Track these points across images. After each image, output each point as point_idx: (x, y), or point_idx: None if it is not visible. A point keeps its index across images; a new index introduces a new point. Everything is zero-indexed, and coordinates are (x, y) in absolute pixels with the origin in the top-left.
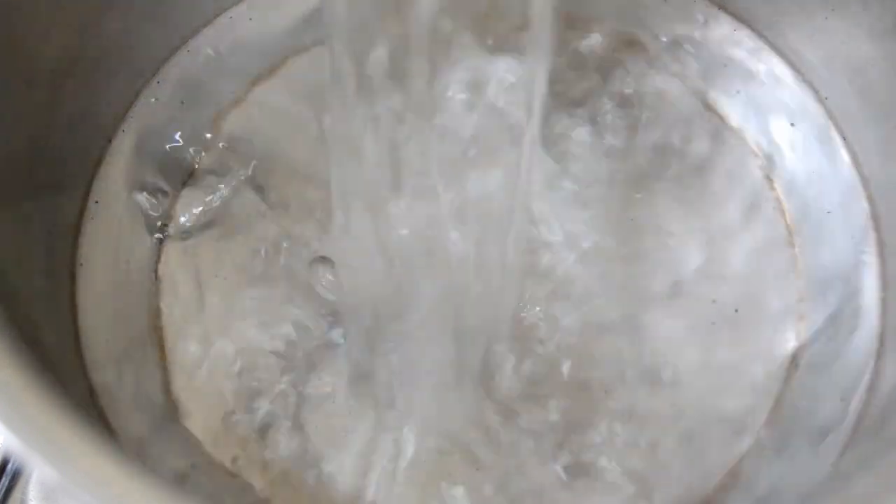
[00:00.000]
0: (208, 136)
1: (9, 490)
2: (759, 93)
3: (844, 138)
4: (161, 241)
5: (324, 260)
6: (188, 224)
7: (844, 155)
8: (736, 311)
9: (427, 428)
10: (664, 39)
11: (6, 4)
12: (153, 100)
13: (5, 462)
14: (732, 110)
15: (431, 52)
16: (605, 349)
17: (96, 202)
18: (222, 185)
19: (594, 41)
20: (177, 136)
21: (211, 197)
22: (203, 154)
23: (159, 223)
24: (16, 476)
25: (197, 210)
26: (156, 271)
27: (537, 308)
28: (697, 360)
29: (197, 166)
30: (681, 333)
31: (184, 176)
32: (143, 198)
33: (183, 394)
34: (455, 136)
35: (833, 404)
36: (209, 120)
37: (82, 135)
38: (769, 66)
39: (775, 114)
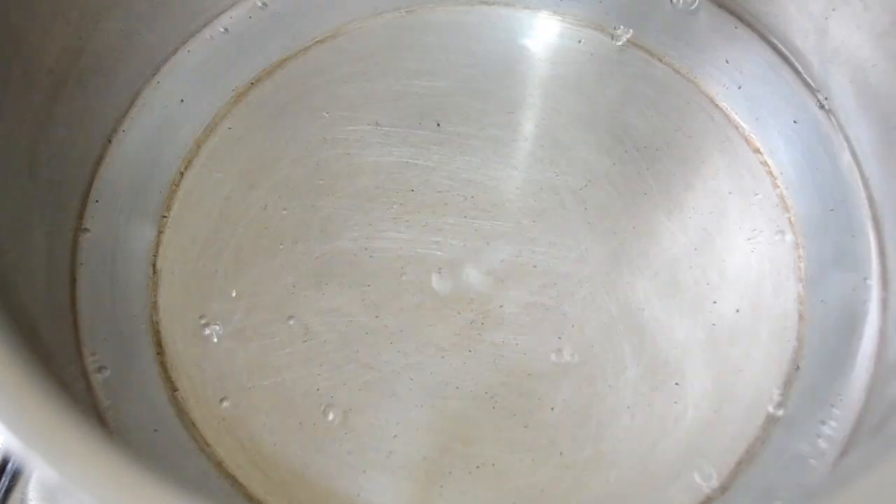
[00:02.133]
0: (208, 134)
1: (9, 490)
2: (760, 92)
3: (844, 138)
4: (160, 234)
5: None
6: (188, 218)
7: (844, 155)
8: (736, 311)
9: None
10: (665, 38)
11: (6, 4)
12: (153, 99)
13: (5, 462)
14: (733, 109)
15: None
16: (606, 349)
17: (96, 202)
18: (221, 181)
19: (594, 37)
20: (176, 135)
21: (210, 192)
22: (203, 151)
23: (159, 219)
24: (16, 476)
25: (196, 206)
26: (154, 265)
27: (540, 302)
28: (698, 360)
29: (196, 163)
30: (681, 334)
31: (182, 172)
32: (142, 195)
33: (183, 392)
34: None
35: (833, 404)
36: (209, 119)
37: (82, 135)
38: (769, 65)
39: (776, 113)
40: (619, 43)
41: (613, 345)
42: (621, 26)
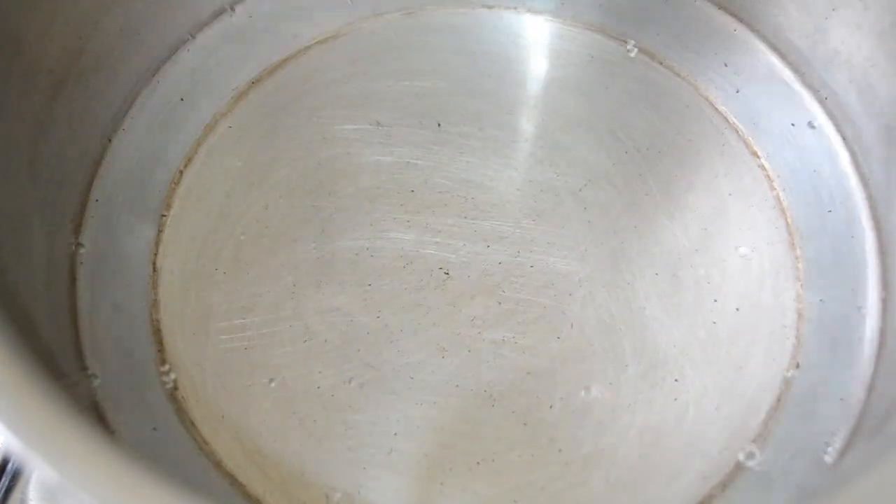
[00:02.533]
0: (208, 133)
1: (9, 490)
2: (760, 92)
3: (844, 138)
4: (160, 233)
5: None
6: (188, 217)
7: (844, 155)
8: (736, 309)
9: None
10: (664, 40)
11: (6, 4)
12: (153, 99)
13: (5, 462)
14: (732, 110)
15: None
16: (606, 347)
17: (96, 201)
18: (221, 180)
19: (594, 40)
20: (176, 135)
21: (210, 191)
22: (203, 150)
23: (159, 218)
24: (16, 476)
25: (196, 204)
26: (154, 264)
27: (539, 301)
28: (698, 358)
29: (196, 162)
30: (681, 332)
31: (182, 171)
32: (142, 194)
33: (183, 391)
34: None
35: (833, 404)
36: (209, 118)
37: (82, 135)
38: (769, 65)
39: (775, 114)
40: (632, 54)
41: (613, 343)
42: (622, 28)
